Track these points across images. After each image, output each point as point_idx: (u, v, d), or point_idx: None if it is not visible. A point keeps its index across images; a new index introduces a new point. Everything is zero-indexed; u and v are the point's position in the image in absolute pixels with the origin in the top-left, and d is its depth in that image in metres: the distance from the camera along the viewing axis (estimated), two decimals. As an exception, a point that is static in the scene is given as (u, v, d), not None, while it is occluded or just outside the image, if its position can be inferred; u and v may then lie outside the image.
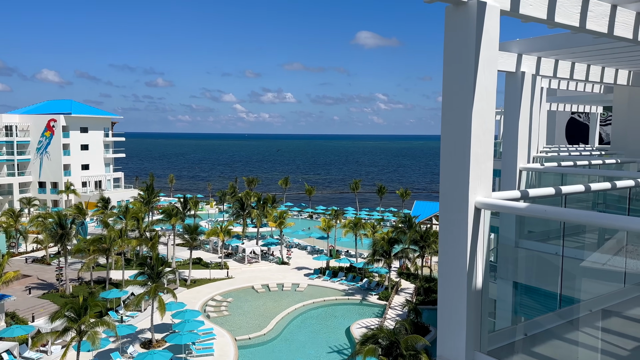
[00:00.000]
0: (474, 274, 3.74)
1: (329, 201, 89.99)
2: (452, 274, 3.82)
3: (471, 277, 3.72)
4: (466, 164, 3.66)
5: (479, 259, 3.76)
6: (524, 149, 7.58)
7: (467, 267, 3.72)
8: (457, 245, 3.75)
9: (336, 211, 56.76)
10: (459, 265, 3.75)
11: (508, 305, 6.00)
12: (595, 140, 21.40)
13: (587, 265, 4.77)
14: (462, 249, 3.72)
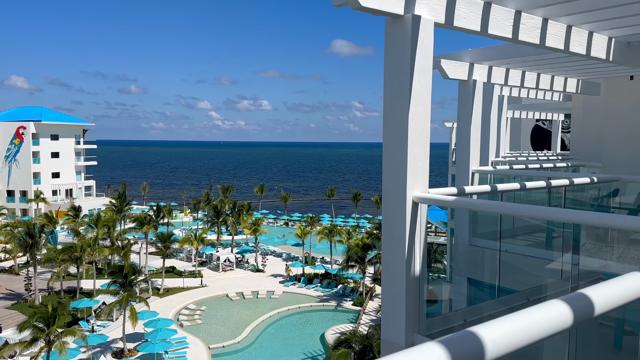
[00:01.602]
0: (412, 263, 4.08)
1: (305, 208, 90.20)
2: (392, 263, 4.16)
3: (409, 265, 4.07)
4: (404, 163, 4.01)
5: (417, 248, 4.11)
6: (476, 153, 8.02)
7: (406, 256, 4.06)
8: (397, 237, 4.10)
9: (312, 218, 57.04)
10: (398, 255, 4.10)
11: (462, 296, 6.40)
12: (557, 147, 22.22)
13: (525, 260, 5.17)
14: (401, 239, 4.07)
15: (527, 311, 1.26)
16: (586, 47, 5.78)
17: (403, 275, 4.04)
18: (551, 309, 1.29)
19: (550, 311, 1.28)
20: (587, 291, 1.40)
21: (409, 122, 3.99)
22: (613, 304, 1.41)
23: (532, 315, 1.24)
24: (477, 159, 8.08)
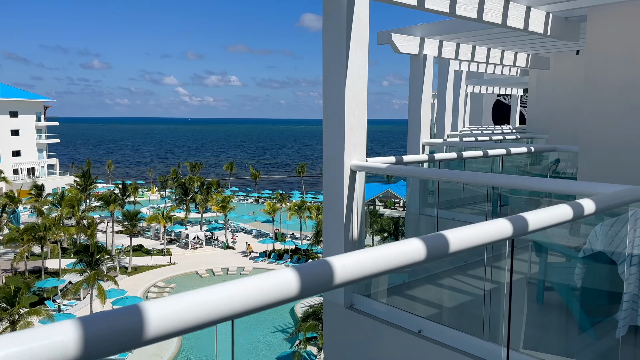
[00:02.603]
0: (350, 228, 4.32)
1: (275, 185, 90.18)
2: (332, 228, 4.39)
3: (347, 231, 4.30)
4: (342, 133, 4.21)
5: (355, 214, 4.34)
6: (427, 126, 8.28)
7: (344, 221, 4.29)
8: (336, 204, 4.32)
9: (281, 195, 57.24)
10: (337, 221, 4.32)
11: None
12: (516, 121, 22.83)
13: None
14: (339, 206, 4.29)
15: (385, 245, 1.47)
16: (524, 21, 6.03)
17: (342, 240, 4.28)
18: (408, 245, 1.51)
19: (406, 246, 1.50)
20: (445, 232, 1.63)
21: (346, 94, 4.17)
22: (464, 245, 1.64)
23: (388, 248, 1.45)
24: (428, 132, 8.34)
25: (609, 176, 5.79)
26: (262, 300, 1.14)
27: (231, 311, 1.09)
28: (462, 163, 7.22)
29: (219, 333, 2.44)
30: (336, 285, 1.29)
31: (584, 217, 2.20)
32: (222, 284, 1.13)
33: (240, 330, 32.73)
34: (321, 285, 1.26)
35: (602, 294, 3.90)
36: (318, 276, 1.27)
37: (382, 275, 5.33)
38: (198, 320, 1.03)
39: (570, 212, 2.10)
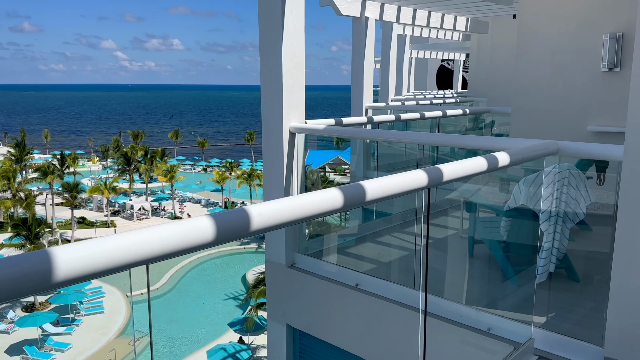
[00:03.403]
0: (291, 190, 4.39)
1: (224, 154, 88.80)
2: (272, 188, 4.45)
3: (288, 192, 4.37)
4: (280, 94, 4.22)
5: (295, 176, 4.41)
6: (370, 90, 8.38)
7: (284, 183, 4.36)
8: (276, 166, 4.37)
9: (230, 163, 56.57)
10: (277, 182, 4.38)
11: (348, 220, 6.95)
12: (458, 85, 23.36)
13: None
14: (279, 168, 4.35)
15: (304, 194, 1.53)
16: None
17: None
18: (326, 193, 1.58)
19: (324, 195, 1.57)
20: (363, 182, 1.71)
21: (283, 54, 4.16)
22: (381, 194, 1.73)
23: (306, 197, 1.52)
24: (371, 97, 8.45)
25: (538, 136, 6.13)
26: (178, 245, 1.18)
27: (146, 255, 1.12)
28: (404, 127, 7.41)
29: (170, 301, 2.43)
30: (253, 232, 1.35)
31: (498, 168, 2.35)
32: (137, 230, 1.16)
33: (191, 299, 32.69)
34: (238, 232, 1.31)
35: (525, 245, 4.19)
36: (234, 223, 1.32)
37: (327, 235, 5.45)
38: (111, 264, 1.06)
39: (484, 163, 2.25)
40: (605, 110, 5.59)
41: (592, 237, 4.80)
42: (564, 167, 3.84)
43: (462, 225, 5.43)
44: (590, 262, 4.43)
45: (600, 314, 2.80)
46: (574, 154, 2.92)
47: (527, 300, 3.51)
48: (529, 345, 2.91)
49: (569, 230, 4.12)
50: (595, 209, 4.45)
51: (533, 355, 2.89)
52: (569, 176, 3.88)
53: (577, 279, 4.10)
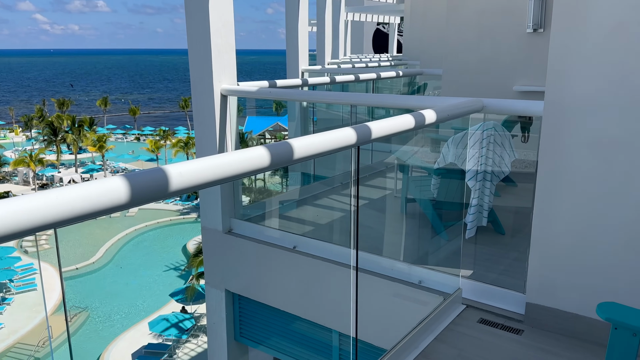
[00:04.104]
0: (225, 152, 4.30)
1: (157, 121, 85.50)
2: (205, 154, 4.33)
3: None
4: (208, 55, 4.06)
5: (229, 140, 4.31)
6: (305, 53, 8.26)
7: (218, 147, 4.25)
8: (209, 130, 4.25)
9: (165, 131, 54.70)
10: (210, 147, 4.27)
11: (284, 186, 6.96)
12: (394, 49, 23.55)
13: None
14: (212, 132, 4.23)
15: (229, 153, 1.49)
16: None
17: (215, 165, 4.25)
18: (252, 152, 1.54)
19: (250, 153, 1.53)
20: (291, 140, 1.69)
21: (210, 13, 3.98)
22: (309, 152, 1.71)
23: (231, 155, 1.48)
24: (306, 60, 8.33)
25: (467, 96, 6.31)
26: (89, 207, 1.11)
27: (53, 218, 1.05)
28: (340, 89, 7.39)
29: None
30: (173, 193, 1.29)
31: (426, 126, 2.39)
32: (44, 191, 1.08)
33: (130, 271, 31.90)
34: (156, 193, 1.25)
35: (453, 202, 4.35)
36: (152, 183, 1.25)
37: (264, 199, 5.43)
38: (16, 227, 0.98)
39: (412, 121, 2.28)
40: (530, 70, 5.82)
41: (517, 193, 5.06)
42: (490, 125, 3.99)
43: (395, 186, 5.56)
44: (514, 215, 4.68)
45: (523, 264, 2.98)
46: (498, 110, 3.03)
47: (456, 254, 3.67)
48: (457, 295, 3.05)
49: (495, 186, 4.32)
50: (520, 167, 4.69)
51: (461, 305, 3.04)
52: (495, 134, 4.04)
53: (503, 232, 4.33)
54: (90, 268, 31.96)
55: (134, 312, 27.03)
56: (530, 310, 2.81)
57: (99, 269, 32.11)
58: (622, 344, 1.75)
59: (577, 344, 2.62)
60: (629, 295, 2.49)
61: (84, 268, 31.67)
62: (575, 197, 2.59)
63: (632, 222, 2.45)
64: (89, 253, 33.45)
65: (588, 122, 2.49)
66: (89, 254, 33.27)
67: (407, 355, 2.54)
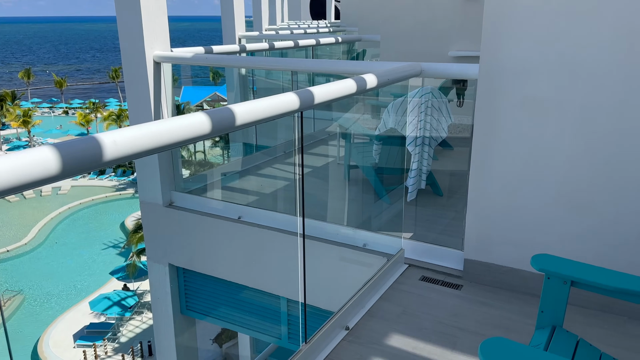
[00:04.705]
0: (161, 124, 4.14)
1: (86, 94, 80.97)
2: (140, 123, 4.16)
3: (158, 127, 4.12)
4: (139, 19, 3.85)
5: (164, 109, 4.15)
6: (241, 19, 8.02)
7: (153, 118, 4.09)
8: (142, 98, 4.06)
9: (95, 104, 51.99)
10: (144, 118, 4.10)
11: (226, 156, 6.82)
12: (331, 16, 23.32)
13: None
14: (146, 100, 4.05)
15: (167, 119, 1.42)
16: None
17: (152, 137, 4.09)
18: (192, 118, 1.48)
19: (190, 120, 1.47)
20: (233, 106, 1.64)
21: (138, -25, 3.75)
22: (252, 118, 1.67)
23: (170, 122, 1.41)
24: (243, 26, 8.10)
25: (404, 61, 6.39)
26: (15, 180, 1.03)
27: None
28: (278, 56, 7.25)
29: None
30: (107, 162, 1.22)
31: (367, 90, 2.40)
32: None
33: (66, 251, 30.64)
34: (89, 163, 1.18)
35: (394, 166, 4.44)
36: (84, 153, 1.18)
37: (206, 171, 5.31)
38: None
39: (353, 85, 2.27)
40: (465, 35, 5.95)
41: (454, 156, 5.24)
42: (427, 90, 4.07)
43: (338, 153, 5.60)
44: (451, 178, 4.85)
45: (461, 223, 3.10)
46: (435, 74, 3.08)
47: (398, 216, 3.77)
48: (400, 256, 3.15)
49: (433, 150, 4.44)
50: (456, 132, 4.83)
51: (404, 264, 3.14)
52: (432, 99, 4.12)
53: (441, 193, 4.48)
54: (23, 250, 30.40)
55: (73, 293, 26.11)
56: (468, 266, 2.94)
57: (32, 250, 30.60)
58: (555, 292, 1.86)
59: (513, 296, 2.78)
60: (560, 247, 2.66)
61: (15, 250, 30.09)
62: (508, 156, 2.70)
63: (561, 179, 2.60)
64: (21, 234, 31.74)
65: (520, 84, 2.59)
66: (20, 235, 31.57)
67: (354, 315, 2.61)
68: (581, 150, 2.52)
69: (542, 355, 1.39)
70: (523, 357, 1.37)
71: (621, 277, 1.80)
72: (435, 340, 2.40)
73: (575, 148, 2.53)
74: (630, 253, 2.52)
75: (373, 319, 2.59)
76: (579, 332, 2.44)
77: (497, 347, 1.40)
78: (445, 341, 2.40)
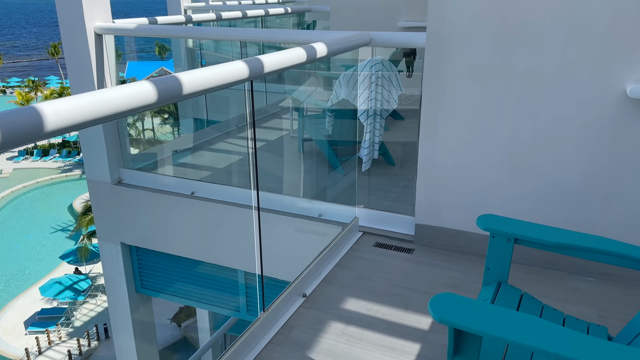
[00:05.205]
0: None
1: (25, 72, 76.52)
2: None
3: (103, 102, 3.97)
4: (77, -11, 3.66)
5: (108, 83, 4.00)
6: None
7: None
8: (84, 72, 3.89)
9: (35, 82, 49.35)
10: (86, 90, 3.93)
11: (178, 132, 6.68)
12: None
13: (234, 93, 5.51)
14: (88, 74, 3.88)
15: (110, 89, 1.38)
16: None
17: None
18: (136, 87, 1.44)
19: (135, 88, 1.43)
20: (180, 74, 1.60)
21: (73, -59, 3.55)
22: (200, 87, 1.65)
23: (113, 91, 1.37)
24: (189, -4, 7.83)
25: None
26: (-53, 153, 0.97)
27: None
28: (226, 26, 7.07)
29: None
30: (48, 134, 1.18)
31: (318, 59, 2.39)
32: None
33: (12, 236, 29.37)
34: (28, 134, 1.13)
35: (347, 137, 4.48)
36: (23, 123, 1.13)
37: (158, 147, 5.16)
38: None
39: (303, 54, 2.26)
40: (413, 6, 6.00)
41: (405, 127, 5.33)
42: (377, 60, 4.09)
43: (292, 126, 5.58)
44: (403, 147, 4.94)
45: (412, 190, 3.18)
46: (384, 43, 3.10)
47: (352, 186, 3.82)
48: (354, 224, 3.21)
49: (385, 121, 4.50)
50: (407, 104, 4.91)
51: (358, 232, 3.21)
52: (382, 69, 4.16)
53: (393, 163, 4.57)
54: (-38, 238, 28.90)
55: (22, 279, 25.16)
56: (419, 231, 3.04)
57: (-26, 238, 29.15)
58: (499, 250, 1.96)
59: (461, 257, 2.90)
60: (505, 208, 2.78)
61: (-46, 239, 28.57)
62: (455, 123, 2.78)
63: (505, 143, 2.70)
64: (-41, 222, 30.14)
65: (466, 52, 2.65)
66: (-42, 223, 29.97)
67: (310, 283, 2.66)
68: (524, 114, 2.63)
69: (487, 306, 1.46)
70: (469, 309, 1.44)
71: (560, 233, 1.92)
72: (389, 302, 2.49)
73: (519, 112, 2.63)
74: (571, 211, 2.67)
75: (329, 285, 2.64)
76: (523, 288, 2.58)
77: (445, 301, 1.47)
78: (398, 302, 2.49)
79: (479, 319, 1.40)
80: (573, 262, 2.73)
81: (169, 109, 24.70)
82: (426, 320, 2.35)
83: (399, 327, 2.30)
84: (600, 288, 2.61)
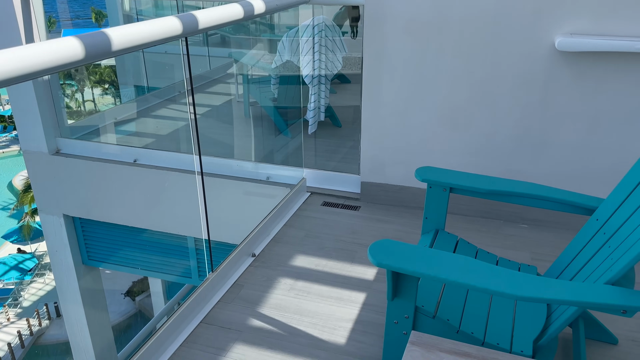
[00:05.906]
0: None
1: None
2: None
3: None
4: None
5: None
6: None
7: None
8: (11, 42, 3.67)
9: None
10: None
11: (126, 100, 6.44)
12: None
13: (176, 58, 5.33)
14: (15, 42, 3.66)
15: (35, 44, 1.32)
16: None
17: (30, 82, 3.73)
18: (62, 43, 1.38)
19: (59, 44, 1.37)
20: (109, 30, 1.54)
21: None
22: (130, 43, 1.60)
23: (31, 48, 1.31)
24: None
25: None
26: None
27: None
28: None
29: None
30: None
31: (255, 16, 2.35)
32: None
33: (-55, 220, 27.71)
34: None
35: (293, 100, 4.47)
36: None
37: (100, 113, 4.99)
38: None
39: (240, 10, 2.22)
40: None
41: (352, 90, 5.35)
42: (320, 19, 4.06)
43: (237, 91, 5.49)
44: (350, 110, 4.98)
45: (357, 150, 3.23)
46: (324, 0, 3.08)
47: (299, 148, 3.84)
48: (302, 185, 3.24)
49: (331, 83, 4.51)
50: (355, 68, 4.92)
51: (306, 192, 3.25)
52: (325, 29, 4.13)
53: (339, 124, 4.61)
54: None
55: (-39, 263, 23.95)
56: (364, 188, 3.11)
57: None
58: (436, 199, 2.05)
59: (404, 211, 3.01)
60: (442, 161, 2.88)
61: None
62: (396, 81, 2.83)
63: (442, 100, 2.78)
64: None
65: (404, 8, 2.68)
66: None
67: (259, 243, 2.69)
68: (460, 70, 2.70)
69: (423, 250, 1.54)
70: (406, 253, 1.51)
71: (493, 181, 2.02)
72: (336, 256, 2.56)
73: (455, 69, 2.70)
74: (506, 162, 2.81)
75: (278, 244, 2.68)
76: (461, 236, 2.71)
77: (383, 247, 1.53)
78: (345, 256, 2.56)
79: (415, 261, 1.47)
80: (509, 210, 2.89)
81: (109, 78, 23.56)
82: (371, 271, 2.44)
83: (346, 279, 2.38)
84: (533, 234, 2.77)
